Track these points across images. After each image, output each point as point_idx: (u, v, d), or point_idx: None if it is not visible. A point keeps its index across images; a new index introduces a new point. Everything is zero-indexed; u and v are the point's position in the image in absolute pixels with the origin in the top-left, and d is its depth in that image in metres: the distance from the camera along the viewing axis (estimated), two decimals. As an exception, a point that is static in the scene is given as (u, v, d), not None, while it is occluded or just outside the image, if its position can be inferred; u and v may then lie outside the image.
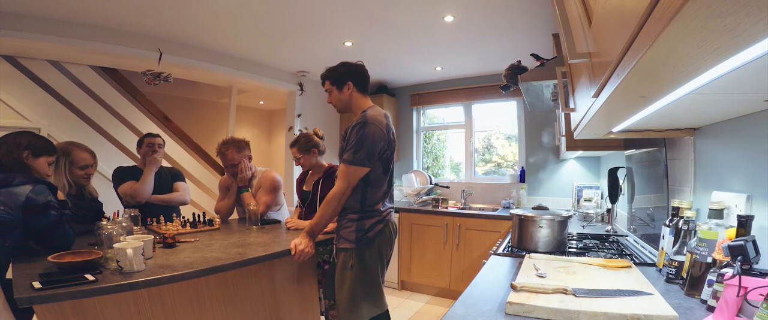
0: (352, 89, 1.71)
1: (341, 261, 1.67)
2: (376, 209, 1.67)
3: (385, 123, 1.64)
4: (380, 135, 1.60)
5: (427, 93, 4.35)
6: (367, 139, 1.57)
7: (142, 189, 2.24)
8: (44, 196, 1.46)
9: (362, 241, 1.64)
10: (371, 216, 1.66)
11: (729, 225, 1.01)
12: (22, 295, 1.06)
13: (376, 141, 1.59)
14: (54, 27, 2.51)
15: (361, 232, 1.64)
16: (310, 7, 2.43)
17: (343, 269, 1.65)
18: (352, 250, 1.64)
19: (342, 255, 1.67)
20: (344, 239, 1.66)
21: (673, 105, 0.81)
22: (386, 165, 1.69)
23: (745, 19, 0.36)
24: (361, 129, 1.58)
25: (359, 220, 1.64)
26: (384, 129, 1.62)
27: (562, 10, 0.96)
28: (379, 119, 1.62)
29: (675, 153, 1.49)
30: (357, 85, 1.72)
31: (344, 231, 1.67)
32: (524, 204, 3.68)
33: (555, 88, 2.00)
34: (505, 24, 2.68)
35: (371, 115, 1.61)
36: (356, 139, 1.57)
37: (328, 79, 1.74)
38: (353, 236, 1.64)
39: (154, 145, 2.41)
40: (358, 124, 1.59)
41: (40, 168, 1.64)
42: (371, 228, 1.65)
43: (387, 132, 1.64)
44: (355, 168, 1.58)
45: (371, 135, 1.57)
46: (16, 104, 2.87)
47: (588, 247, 1.83)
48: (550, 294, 0.97)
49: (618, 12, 0.56)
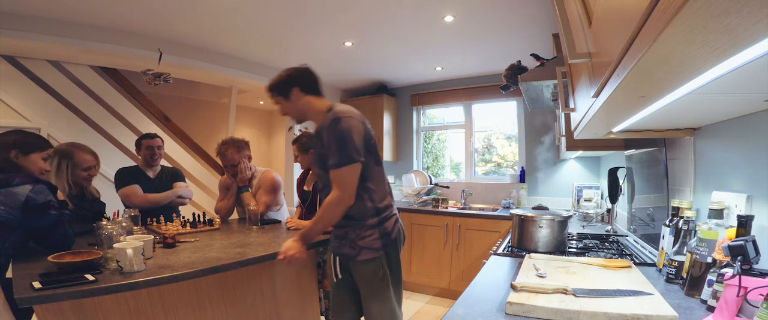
0: (299, 95, 1.58)
1: (369, 273, 1.52)
2: (389, 206, 1.58)
3: (359, 113, 1.53)
4: (358, 126, 1.47)
5: (427, 93, 4.35)
6: (347, 133, 1.44)
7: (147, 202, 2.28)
8: (44, 196, 1.46)
9: (389, 246, 1.54)
10: (389, 217, 1.56)
11: (729, 225, 1.01)
12: (22, 295, 1.06)
13: (357, 133, 1.46)
14: (54, 27, 2.51)
15: (386, 237, 1.53)
16: (310, 7, 2.43)
17: (371, 281, 1.53)
18: (380, 258, 1.52)
19: (369, 267, 1.52)
20: (368, 249, 1.51)
21: (673, 105, 0.81)
22: (376, 157, 1.57)
23: (745, 19, 0.36)
24: (335, 126, 1.45)
25: (379, 225, 1.53)
26: (361, 118, 1.51)
27: (562, 10, 0.96)
28: (350, 111, 1.50)
29: (675, 153, 1.49)
30: (304, 88, 1.58)
31: (365, 241, 1.52)
32: (524, 204, 3.68)
33: (555, 88, 2.00)
34: (505, 24, 2.68)
35: (340, 108, 1.49)
36: (336, 139, 1.45)
37: (271, 90, 1.61)
38: (379, 243, 1.52)
39: (153, 147, 2.40)
40: (331, 122, 1.46)
41: (32, 165, 1.61)
42: (393, 230, 1.56)
43: (364, 121, 1.53)
44: (347, 168, 1.45)
45: (349, 128, 1.44)
46: (16, 104, 2.87)
47: (588, 247, 1.83)
48: (550, 294, 0.97)
49: (618, 12, 0.56)
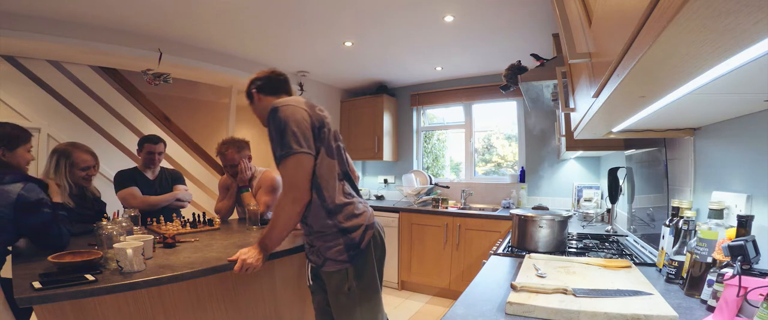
0: (259, 96, 1.58)
1: (334, 286, 1.42)
2: (351, 212, 1.42)
3: (303, 101, 1.43)
4: (300, 113, 1.36)
5: (427, 93, 4.35)
6: (286, 122, 1.33)
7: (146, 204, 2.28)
8: (36, 194, 1.45)
9: (357, 257, 1.40)
10: (355, 226, 1.41)
11: (729, 225, 1.01)
12: (22, 295, 1.06)
13: (295, 120, 1.34)
14: (54, 27, 2.51)
15: (352, 248, 1.39)
16: (310, 7, 2.43)
17: (337, 294, 1.42)
18: (345, 271, 1.40)
19: (333, 279, 1.42)
20: (332, 260, 1.39)
21: (673, 105, 0.81)
22: (329, 147, 1.41)
23: (745, 19, 0.36)
24: (273, 116, 1.36)
25: (343, 235, 1.39)
26: (303, 105, 1.40)
27: (562, 10, 0.96)
28: (291, 100, 1.41)
29: (675, 153, 1.49)
30: (262, 89, 1.58)
31: (331, 252, 1.39)
32: (524, 204, 3.68)
33: (555, 88, 1.99)
34: (505, 24, 2.68)
35: (279, 101, 1.41)
36: (275, 130, 1.35)
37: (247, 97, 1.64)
38: (345, 255, 1.39)
39: (154, 153, 2.39)
40: (269, 113, 1.38)
41: (20, 159, 1.59)
42: (362, 239, 1.41)
43: (308, 108, 1.41)
44: (290, 160, 1.33)
45: (285, 117, 1.34)
46: (16, 104, 2.87)
47: (588, 247, 1.83)
48: (550, 294, 0.97)
49: (618, 12, 0.56)
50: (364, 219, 1.44)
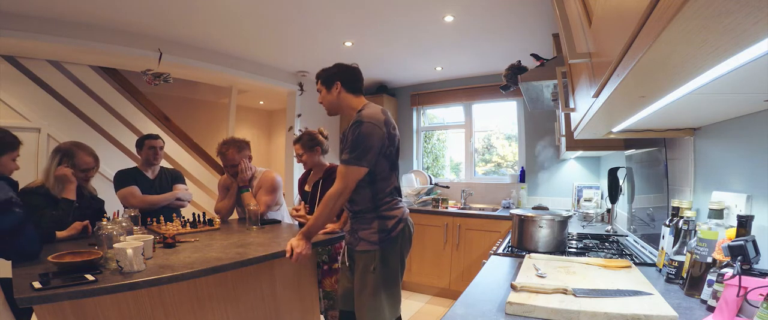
0: (340, 89, 1.67)
1: (362, 265, 1.60)
2: (392, 206, 1.63)
3: (383, 119, 1.59)
4: (378, 132, 1.55)
5: (427, 93, 4.35)
6: (364, 138, 1.53)
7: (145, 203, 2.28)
8: (4, 193, 1.35)
9: (386, 242, 1.58)
10: (391, 216, 1.61)
11: (729, 225, 1.01)
12: (22, 295, 1.06)
13: (373, 139, 1.54)
14: (54, 27, 2.51)
15: (384, 233, 1.59)
16: (310, 7, 2.43)
17: (363, 273, 1.59)
18: (375, 252, 1.58)
19: (363, 258, 1.60)
20: (364, 240, 1.60)
21: (673, 105, 0.81)
22: (392, 162, 1.64)
23: (745, 19, 0.36)
24: (356, 128, 1.54)
25: (380, 219, 1.60)
26: (382, 125, 1.57)
27: (562, 10, 0.96)
28: (375, 117, 1.57)
29: (675, 153, 1.49)
30: (346, 85, 1.67)
31: (363, 233, 1.61)
32: (524, 204, 3.68)
33: (555, 88, 1.99)
34: (505, 24, 2.68)
35: (366, 113, 1.58)
36: (353, 139, 1.54)
37: (319, 78, 1.72)
38: (376, 237, 1.58)
39: (156, 147, 2.42)
40: (354, 124, 1.56)
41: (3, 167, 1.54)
42: (394, 228, 1.60)
43: (386, 127, 1.59)
44: (353, 168, 1.54)
45: (367, 134, 1.53)
46: (16, 104, 2.87)
47: (588, 247, 1.83)
48: (550, 294, 0.97)
49: (618, 12, 0.56)
50: (399, 213, 1.65)
